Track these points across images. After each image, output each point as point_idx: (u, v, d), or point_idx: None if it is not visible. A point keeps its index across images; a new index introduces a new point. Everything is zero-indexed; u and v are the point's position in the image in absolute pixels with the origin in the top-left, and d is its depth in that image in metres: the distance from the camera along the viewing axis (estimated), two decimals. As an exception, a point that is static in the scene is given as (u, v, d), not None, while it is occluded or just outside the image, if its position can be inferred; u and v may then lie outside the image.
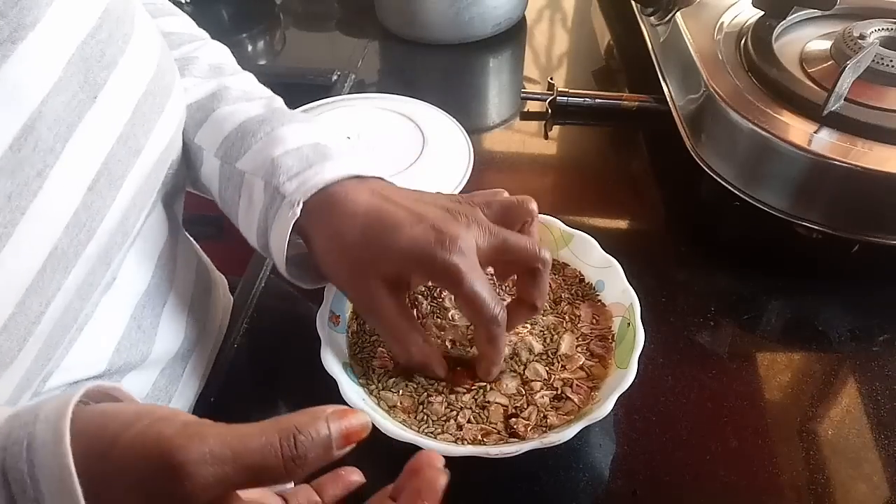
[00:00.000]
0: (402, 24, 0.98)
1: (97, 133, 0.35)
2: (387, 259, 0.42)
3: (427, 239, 0.41)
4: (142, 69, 0.39)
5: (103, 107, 0.35)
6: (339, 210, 0.43)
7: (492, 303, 0.43)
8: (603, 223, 0.73)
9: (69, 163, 0.33)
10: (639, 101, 0.84)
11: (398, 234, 0.42)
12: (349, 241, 0.43)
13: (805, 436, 0.53)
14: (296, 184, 0.43)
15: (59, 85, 0.33)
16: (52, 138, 0.32)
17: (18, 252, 0.30)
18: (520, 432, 0.48)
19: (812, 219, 0.62)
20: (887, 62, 0.63)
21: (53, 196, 0.32)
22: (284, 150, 0.45)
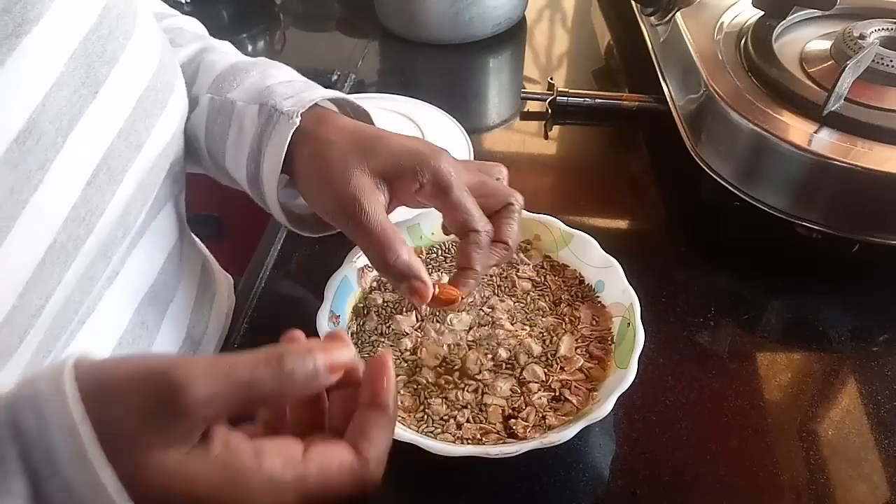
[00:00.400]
0: (402, 24, 0.98)
1: (98, 128, 0.35)
2: (376, 157, 0.42)
3: (418, 148, 0.43)
4: (143, 65, 0.40)
5: (104, 102, 0.36)
6: (331, 121, 0.44)
7: (477, 213, 0.43)
8: (603, 223, 0.73)
9: (69, 157, 0.33)
10: (639, 101, 0.84)
11: (390, 140, 0.43)
12: (339, 145, 0.43)
13: (805, 436, 0.53)
14: (292, 102, 0.44)
15: (60, 80, 0.33)
16: (53, 132, 0.32)
17: (20, 245, 0.31)
18: (518, 433, 0.48)
19: (812, 219, 0.62)
20: (887, 62, 0.63)
21: (53, 190, 0.32)
22: (278, 81, 0.46)
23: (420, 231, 0.61)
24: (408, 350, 0.54)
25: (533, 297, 0.58)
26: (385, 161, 0.43)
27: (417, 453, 0.46)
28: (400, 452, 0.46)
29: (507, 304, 0.57)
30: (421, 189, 0.43)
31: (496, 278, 0.59)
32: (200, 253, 0.60)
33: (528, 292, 0.58)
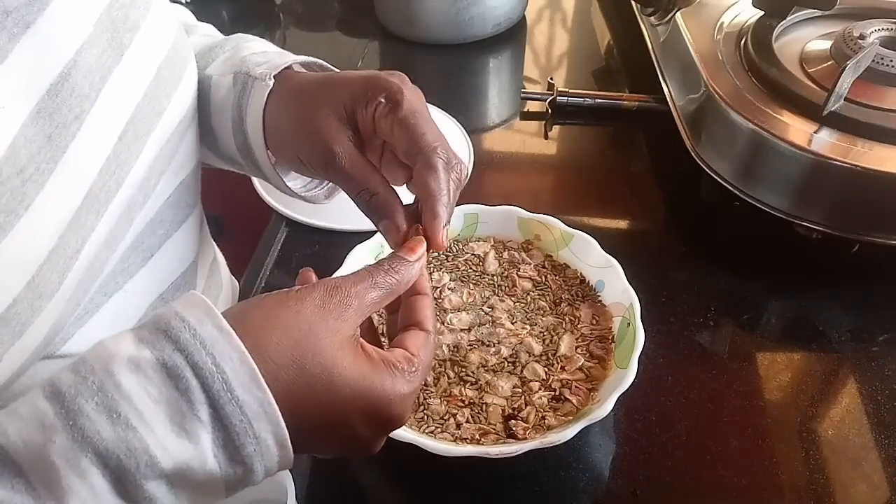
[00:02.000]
0: (402, 24, 0.98)
1: (125, 89, 0.38)
2: (334, 94, 0.43)
3: (372, 74, 0.43)
4: (162, 35, 0.42)
5: (129, 65, 0.38)
6: (297, 78, 0.46)
7: (431, 129, 0.42)
8: (603, 223, 0.73)
9: (103, 111, 0.36)
10: (639, 101, 0.84)
11: (346, 76, 0.45)
12: (302, 95, 0.45)
13: (805, 436, 0.53)
14: (264, 67, 0.46)
15: (89, 40, 0.36)
16: (87, 86, 0.35)
17: (60, 188, 0.33)
18: (518, 434, 0.48)
19: (812, 219, 0.62)
20: (887, 62, 0.63)
21: (90, 139, 0.35)
22: (251, 52, 0.48)
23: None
24: (408, 350, 0.54)
25: (533, 296, 0.58)
26: (342, 94, 0.43)
27: (417, 453, 0.46)
28: (400, 452, 0.46)
29: (507, 303, 0.57)
30: (377, 111, 0.42)
31: (497, 278, 0.59)
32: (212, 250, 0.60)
33: (529, 292, 0.58)
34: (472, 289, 0.58)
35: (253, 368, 0.30)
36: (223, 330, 0.31)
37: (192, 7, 1.08)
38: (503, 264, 0.60)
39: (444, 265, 0.60)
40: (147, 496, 0.29)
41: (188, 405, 0.30)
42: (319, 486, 0.50)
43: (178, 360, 0.30)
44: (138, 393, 0.29)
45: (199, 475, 0.30)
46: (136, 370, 0.29)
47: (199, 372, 0.30)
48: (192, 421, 0.30)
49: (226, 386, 0.30)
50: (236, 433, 0.30)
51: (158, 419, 0.29)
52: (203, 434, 0.30)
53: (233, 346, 0.30)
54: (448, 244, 0.62)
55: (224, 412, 0.30)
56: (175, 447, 0.29)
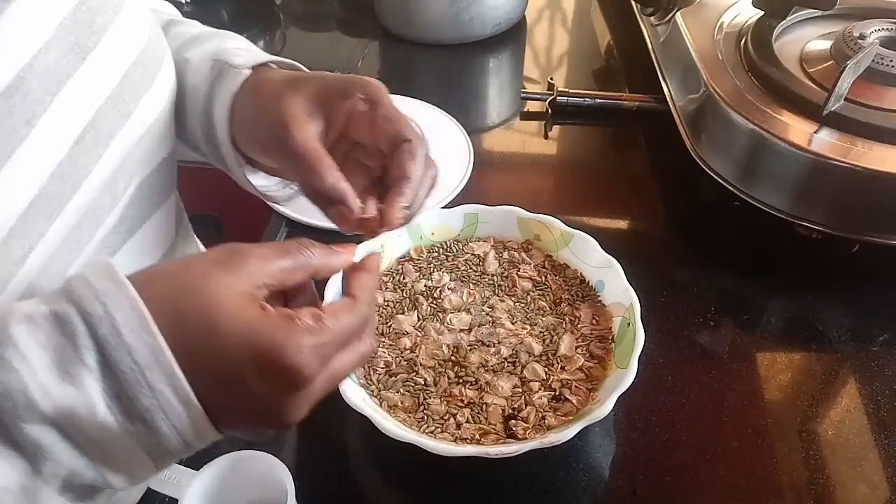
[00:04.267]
0: (402, 24, 0.98)
1: (85, 92, 0.37)
2: (308, 86, 0.43)
3: (347, 76, 0.44)
4: (132, 38, 0.42)
5: (92, 68, 0.38)
6: (270, 73, 0.46)
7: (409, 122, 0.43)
8: (603, 223, 0.73)
9: (57, 115, 0.35)
10: (639, 101, 0.84)
11: (321, 74, 0.45)
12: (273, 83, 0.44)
13: (805, 436, 0.53)
14: (244, 58, 0.46)
15: (49, 43, 0.35)
16: (41, 91, 0.35)
17: (3, 192, 0.33)
18: (518, 434, 0.48)
19: (812, 219, 0.62)
20: (887, 62, 0.63)
21: (39, 144, 0.35)
22: (234, 45, 0.49)
23: (420, 231, 0.61)
24: (408, 349, 0.54)
25: (533, 296, 0.58)
26: (316, 87, 0.43)
27: (417, 453, 0.46)
28: (400, 452, 0.46)
29: (507, 303, 0.57)
30: (353, 107, 0.43)
31: (497, 278, 0.59)
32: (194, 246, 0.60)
33: (529, 292, 0.58)
34: (472, 289, 0.58)
35: (143, 314, 0.30)
36: (118, 282, 0.31)
37: (191, 7, 1.09)
38: (503, 264, 0.60)
39: (444, 265, 0.60)
40: (31, 440, 0.29)
41: (73, 350, 0.29)
42: (319, 487, 0.50)
43: (68, 309, 0.30)
44: (25, 339, 0.29)
45: (91, 426, 0.30)
46: (28, 321, 0.30)
47: (88, 318, 0.30)
48: (76, 365, 0.29)
49: (114, 330, 0.30)
50: (127, 381, 0.30)
51: (41, 362, 0.29)
52: (88, 380, 0.29)
53: (125, 295, 0.30)
54: (448, 244, 0.62)
55: (112, 358, 0.29)
56: (57, 391, 0.29)
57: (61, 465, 0.30)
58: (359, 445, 0.54)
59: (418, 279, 0.59)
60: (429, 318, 0.56)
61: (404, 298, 0.58)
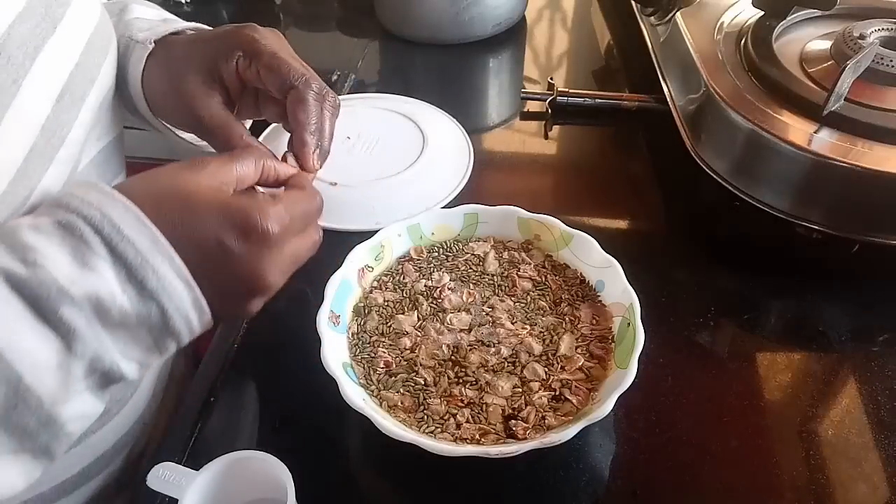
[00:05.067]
0: (402, 24, 0.98)
1: (58, 57, 0.41)
2: (199, 54, 0.49)
3: (228, 30, 0.50)
4: (90, 10, 0.45)
5: (62, 36, 0.41)
6: (170, 44, 0.51)
7: (297, 66, 0.47)
8: (603, 223, 0.73)
9: (37, 77, 0.39)
10: (639, 101, 0.84)
11: (207, 35, 0.51)
12: (174, 56, 0.50)
13: (805, 436, 0.53)
14: (146, 34, 0.51)
15: (22, 14, 0.39)
16: (21, 55, 0.39)
17: (5, 142, 0.37)
18: (518, 434, 0.48)
19: (812, 219, 0.62)
20: (887, 62, 0.63)
21: (27, 101, 0.39)
22: (135, 16, 0.53)
23: (420, 231, 0.61)
24: (408, 349, 0.54)
25: (533, 296, 0.58)
26: (205, 57, 0.48)
27: (417, 453, 0.46)
28: (400, 452, 0.46)
29: (507, 303, 0.57)
30: (239, 65, 0.47)
31: (497, 278, 0.59)
32: None
33: (529, 292, 0.58)
34: (472, 289, 0.58)
35: (137, 212, 0.36)
36: (105, 192, 0.36)
37: (192, 7, 1.09)
38: (503, 264, 0.60)
39: (444, 265, 0.60)
40: (66, 322, 0.33)
41: (86, 246, 0.35)
42: (319, 487, 0.50)
43: (70, 217, 0.35)
44: (42, 243, 0.34)
45: (112, 308, 0.34)
46: (37, 230, 0.35)
47: (90, 221, 0.35)
48: (91, 257, 0.34)
49: (115, 228, 0.35)
50: (134, 267, 0.35)
51: (62, 259, 0.34)
52: (104, 267, 0.35)
53: (116, 200, 0.36)
54: (448, 243, 0.62)
55: (118, 250, 0.35)
56: (81, 278, 0.34)
57: (88, 347, 0.34)
58: (359, 445, 0.54)
59: (418, 279, 0.59)
60: (429, 318, 0.56)
61: (404, 298, 0.58)
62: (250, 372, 0.59)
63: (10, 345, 0.32)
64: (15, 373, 0.32)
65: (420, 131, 0.76)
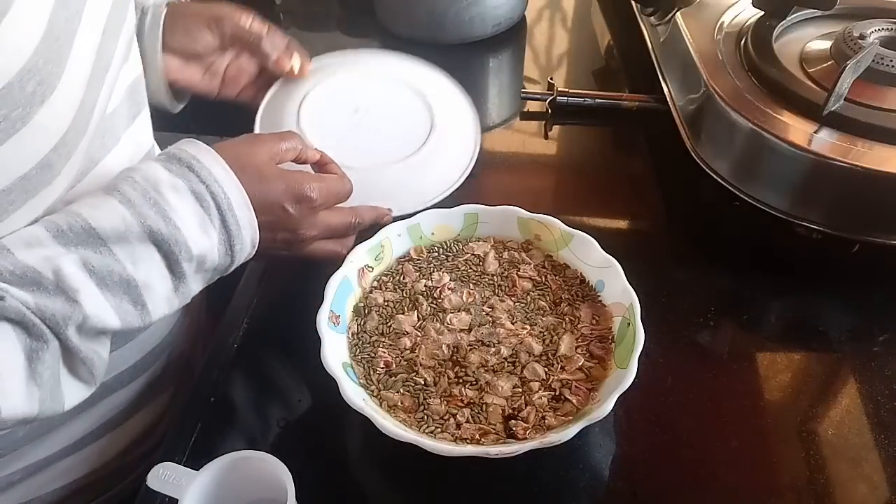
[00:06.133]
0: (402, 24, 0.98)
1: (97, 12, 0.47)
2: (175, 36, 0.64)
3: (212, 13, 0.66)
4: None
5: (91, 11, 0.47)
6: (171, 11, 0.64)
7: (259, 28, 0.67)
8: (603, 223, 0.73)
9: (91, 8, 0.45)
10: (639, 101, 0.84)
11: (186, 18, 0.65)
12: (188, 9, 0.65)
13: (805, 436, 0.54)
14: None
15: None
16: (74, 16, 0.43)
17: (78, 56, 0.43)
18: (518, 434, 0.48)
19: (812, 219, 0.62)
20: (887, 62, 0.63)
21: (88, 26, 0.44)
22: None
23: (420, 231, 0.61)
24: (408, 349, 0.54)
25: (533, 296, 0.58)
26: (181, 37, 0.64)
27: (417, 453, 0.46)
28: (400, 452, 0.46)
29: (507, 303, 0.57)
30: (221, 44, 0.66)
31: (497, 278, 0.59)
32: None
33: (529, 292, 0.58)
34: (472, 289, 0.58)
35: (245, 196, 0.50)
36: (227, 171, 0.49)
37: (192, 7, 1.08)
38: (503, 264, 0.60)
39: (444, 265, 0.60)
40: (182, 271, 0.47)
41: (208, 217, 0.48)
42: (319, 487, 0.50)
43: (202, 189, 0.48)
44: (181, 206, 0.47)
45: (208, 262, 0.49)
46: (175, 192, 0.47)
47: (215, 197, 0.48)
48: (209, 227, 0.48)
49: (230, 207, 0.49)
50: (233, 236, 0.50)
51: (193, 224, 0.47)
52: (214, 235, 0.49)
53: (233, 182, 0.49)
54: (448, 243, 0.62)
55: (227, 222, 0.49)
56: (201, 241, 0.48)
57: (188, 287, 0.49)
58: (359, 445, 0.54)
59: (418, 279, 0.59)
60: (429, 318, 0.56)
61: (404, 298, 0.58)
62: (250, 372, 0.59)
63: (146, 282, 0.46)
64: (143, 301, 0.46)
65: (430, 114, 0.72)
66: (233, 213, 0.49)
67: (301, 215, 0.54)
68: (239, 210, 0.49)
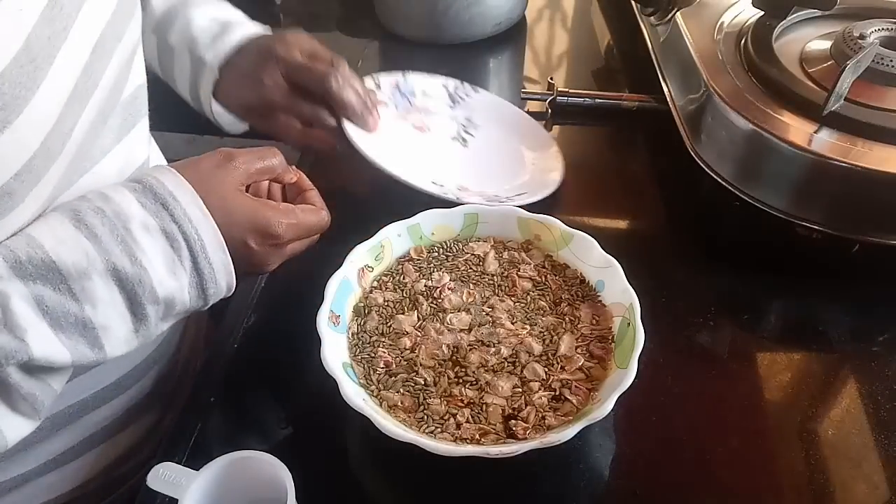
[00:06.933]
0: (403, 24, 0.98)
1: (97, 11, 0.46)
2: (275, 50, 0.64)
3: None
4: None
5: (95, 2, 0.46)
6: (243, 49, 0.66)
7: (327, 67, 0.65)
8: (603, 223, 0.73)
9: (82, 26, 0.44)
10: (639, 101, 0.84)
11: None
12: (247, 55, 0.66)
13: (805, 436, 0.53)
14: (212, 54, 0.65)
15: None
16: (70, 7, 0.43)
17: (56, 77, 0.42)
18: (518, 434, 0.48)
19: (812, 219, 0.62)
20: (887, 62, 0.63)
21: (75, 43, 0.43)
22: (198, 26, 0.66)
23: (420, 231, 0.61)
24: (408, 349, 0.54)
25: (533, 296, 0.58)
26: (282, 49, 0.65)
27: (417, 453, 0.46)
28: (400, 452, 0.46)
29: (507, 303, 0.57)
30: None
31: (497, 278, 0.59)
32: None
33: (529, 292, 0.58)
34: (472, 289, 0.58)
35: (221, 240, 0.48)
36: (204, 213, 0.47)
37: (192, 7, 1.07)
38: (503, 264, 0.60)
39: (444, 265, 0.60)
40: (146, 314, 0.46)
41: (178, 259, 0.46)
42: (319, 487, 0.50)
43: (174, 229, 0.46)
44: (149, 247, 0.45)
45: (178, 306, 0.48)
46: (146, 231, 0.45)
47: (188, 239, 0.47)
48: (179, 269, 0.46)
49: (203, 250, 0.47)
50: (206, 279, 0.48)
51: (160, 265, 0.45)
52: (184, 278, 0.47)
53: (208, 223, 0.48)
54: (448, 243, 0.62)
55: (199, 265, 0.47)
56: (168, 283, 0.46)
57: (150, 331, 0.47)
58: (359, 445, 0.54)
59: (418, 279, 0.59)
60: (429, 318, 0.56)
61: (404, 298, 0.58)
62: (250, 372, 0.59)
63: (104, 324, 0.44)
64: (100, 343, 0.45)
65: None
66: (206, 256, 0.47)
67: (266, 252, 0.52)
68: (213, 253, 0.47)
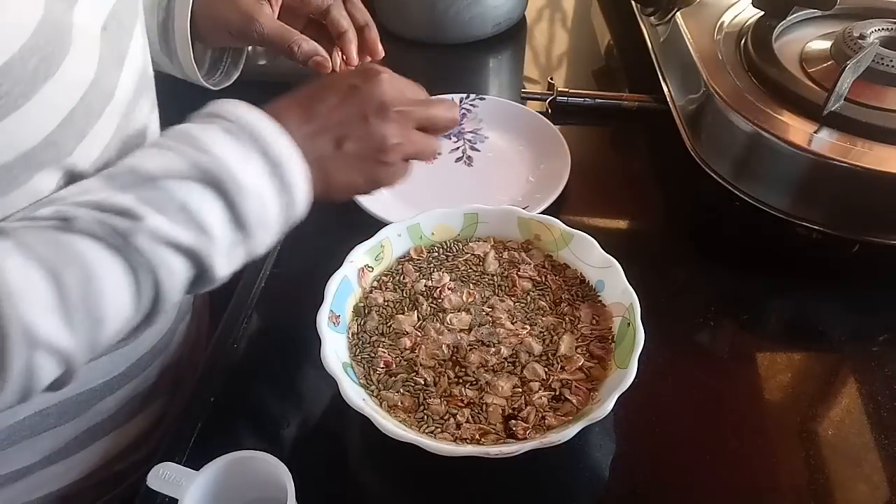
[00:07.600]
0: (402, 24, 0.98)
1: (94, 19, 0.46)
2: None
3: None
4: None
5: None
6: None
7: None
8: (603, 223, 0.73)
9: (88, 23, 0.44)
10: (639, 101, 0.84)
11: None
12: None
13: (805, 436, 0.54)
14: None
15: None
16: None
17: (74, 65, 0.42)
18: (518, 434, 0.48)
19: (812, 219, 0.62)
20: (887, 62, 0.63)
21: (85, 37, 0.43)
22: None
23: (420, 231, 0.61)
24: (408, 349, 0.54)
25: (533, 296, 0.58)
26: None
27: (417, 453, 0.46)
28: (400, 452, 0.46)
29: (507, 303, 0.57)
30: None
31: (497, 278, 0.59)
32: None
33: (529, 292, 0.58)
34: (472, 289, 0.58)
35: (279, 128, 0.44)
36: (251, 109, 0.45)
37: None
38: (503, 264, 0.60)
39: (444, 265, 0.60)
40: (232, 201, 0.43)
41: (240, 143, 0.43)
42: (319, 486, 0.50)
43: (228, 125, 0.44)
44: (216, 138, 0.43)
45: (265, 195, 0.44)
46: (204, 130, 0.43)
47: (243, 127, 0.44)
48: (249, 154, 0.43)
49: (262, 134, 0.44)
50: (279, 165, 0.44)
51: (231, 151, 0.43)
52: (257, 161, 0.43)
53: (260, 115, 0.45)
54: (448, 243, 0.62)
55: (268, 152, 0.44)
56: (242, 167, 0.43)
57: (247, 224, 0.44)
58: (359, 445, 0.54)
59: (418, 279, 0.59)
60: (429, 318, 0.56)
61: (404, 298, 0.58)
62: (250, 372, 0.59)
63: (199, 208, 0.42)
64: (202, 226, 0.42)
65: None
66: (269, 142, 0.44)
67: (386, 120, 0.48)
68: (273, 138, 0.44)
